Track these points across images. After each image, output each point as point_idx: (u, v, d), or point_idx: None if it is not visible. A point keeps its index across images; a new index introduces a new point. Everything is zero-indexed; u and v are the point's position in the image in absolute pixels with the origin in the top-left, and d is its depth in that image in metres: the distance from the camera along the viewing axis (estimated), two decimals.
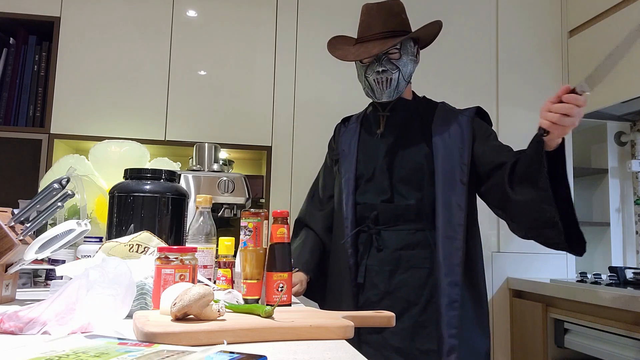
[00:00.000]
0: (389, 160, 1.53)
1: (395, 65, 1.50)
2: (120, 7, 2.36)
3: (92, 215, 1.58)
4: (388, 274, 1.46)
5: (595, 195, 2.65)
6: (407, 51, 1.53)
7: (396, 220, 1.49)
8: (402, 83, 1.53)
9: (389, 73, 1.50)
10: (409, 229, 1.47)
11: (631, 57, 2.19)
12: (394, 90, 1.52)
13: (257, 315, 0.86)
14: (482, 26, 2.58)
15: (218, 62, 2.39)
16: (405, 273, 1.45)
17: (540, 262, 2.46)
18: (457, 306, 1.38)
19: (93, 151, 1.82)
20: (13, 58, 2.31)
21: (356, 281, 1.50)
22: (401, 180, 1.51)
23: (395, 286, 1.45)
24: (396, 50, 1.50)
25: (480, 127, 1.53)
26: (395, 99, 1.55)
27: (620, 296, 1.75)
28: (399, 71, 1.51)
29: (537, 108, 2.55)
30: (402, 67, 1.52)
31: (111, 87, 2.32)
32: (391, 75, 1.50)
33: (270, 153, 2.37)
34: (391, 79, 1.51)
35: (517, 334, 2.34)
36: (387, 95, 1.53)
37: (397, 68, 1.51)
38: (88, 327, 0.77)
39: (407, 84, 1.56)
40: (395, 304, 1.43)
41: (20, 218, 1.05)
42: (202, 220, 1.24)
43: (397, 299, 1.44)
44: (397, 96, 1.55)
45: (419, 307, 1.42)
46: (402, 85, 1.54)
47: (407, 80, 1.55)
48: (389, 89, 1.52)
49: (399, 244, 1.47)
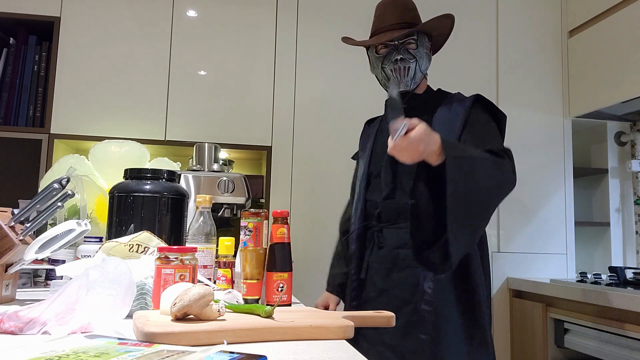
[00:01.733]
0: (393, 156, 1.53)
1: (413, 55, 1.51)
2: (120, 7, 2.36)
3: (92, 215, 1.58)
4: (386, 271, 1.48)
5: (595, 195, 2.65)
6: (423, 45, 1.54)
7: (397, 218, 1.49)
8: (419, 74, 1.54)
9: (406, 62, 1.51)
10: (408, 227, 1.47)
11: (631, 57, 2.19)
12: (411, 79, 1.53)
13: (257, 315, 0.86)
14: (482, 26, 2.58)
15: (218, 62, 2.39)
16: (401, 272, 1.46)
17: (540, 262, 2.46)
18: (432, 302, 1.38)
19: (93, 151, 1.82)
20: (13, 58, 2.31)
21: (359, 277, 1.54)
22: (405, 176, 1.50)
23: (391, 284, 1.47)
24: (413, 40, 1.52)
25: (474, 116, 1.47)
26: (413, 89, 1.55)
27: (620, 296, 1.75)
28: (416, 61, 1.52)
29: (537, 108, 2.57)
30: (419, 58, 1.52)
31: (111, 87, 2.32)
32: (409, 64, 1.51)
33: (270, 153, 2.37)
34: (409, 68, 1.51)
35: (517, 334, 2.34)
36: (404, 84, 1.53)
37: (414, 58, 1.52)
38: (88, 327, 0.77)
39: (422, 76, 1.56)
40: (390, 301, 1.45)
41: (20, 218, 1.05)
42: (202, 220, 1.24)
43: (393, 297, 1.46)
44: (414, 86, 1.54)
45: (412, 306, 1.42)
46: (419, 77, 1.54)
47: (423, 72, 1.56)
48: (406, 78, 1.52)
49: (398, 242, 1.48)
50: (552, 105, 2.58)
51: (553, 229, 2.49)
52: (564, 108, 2.58)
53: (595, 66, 2.40)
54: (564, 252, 2.49)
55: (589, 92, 2.43)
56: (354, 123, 2.40)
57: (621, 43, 2.25)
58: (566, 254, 2.48)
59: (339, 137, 2.41)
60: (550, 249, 2.48)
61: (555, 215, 2.50)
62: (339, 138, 2.41)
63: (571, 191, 2.53)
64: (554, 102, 2.58)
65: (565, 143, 2.56)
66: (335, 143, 2.41)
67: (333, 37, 2.46)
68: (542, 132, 2.55)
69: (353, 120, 2.40)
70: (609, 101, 2.31)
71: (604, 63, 2.35)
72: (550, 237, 2.49)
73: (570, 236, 2.50)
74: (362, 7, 2.49)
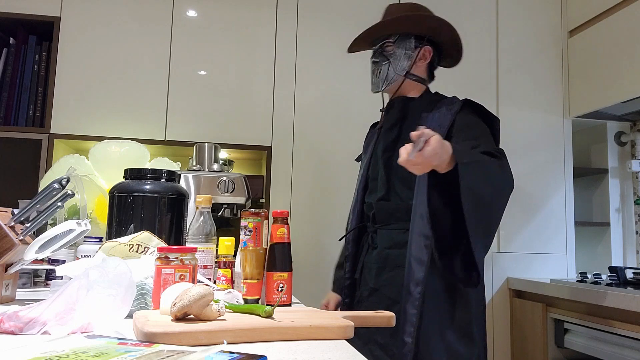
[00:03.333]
0: (386, 158, 1.55)
1: (386, 57, 1.54)
2: (120, 7, 2.36)
3: (92, 215, 1.58)
4: (376, 271, 1.51)
5: (596, 195, 2.65)
6: (404, 46, 1.53)
7: (389, 219, 1.52)
8: (392, 75, 1.54)
9: (378, 64, 1.55)
10: (399, 229, 1.49)
11: (631, 57, 2.19)
12: (382, 81, 1.54)
13: (257, 315, 0.86)
14: (482, 26, 2.58)
15: (218, 62, 2.39)
16: (391, 272, 1.48)
17: (540, 262, 2.46)
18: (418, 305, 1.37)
19: (93, 151, 1.82)
20: (13, 58, 2.31)
21: (353, 276, 1.59)
22: (399, 179, 1.51)
23: (381, 284, 1.49)
24: (390, 43, 1.54)
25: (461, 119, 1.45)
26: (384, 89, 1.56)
27: (620, 296, 1.75)
28: (389, 63, 1.53)
29: (537, 108, 2.57)
30: (393, 60, 1.52)
31: (111, 87, 2.32)
32: (380, 66, 1.55)
33: (270, 153, 2.37)
34: (380, 70, 1.55)
35: (517, 334, 2.34)
36: (375, 86, 1.57)
37: (387, 60, 1.53)
38: (88, 327, 0.77)
39: (401, 78, 1.54)
40: (380, 300, 1.48)
41: (20, 218, 1.05)
42: (202, 220, 1.24)
43: (382, 297, 1.48)
44: (385, 87, 1.55)
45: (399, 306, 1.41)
46: (392, 78, 1.54)
47: (400, 73, 1.54)
48: (377, 79, 1.56)
49: (388, 242, 1.51)
50: (552, 105, 2.58)
51: (553, 229, 2.49)
52: (564, 108, 2.58)
53: (595, 66, 2.40)
54: (564, 252, 2.49)
55: (589, 92, 2.43)
56: (354, 123, 2.40)
57: (621, 43, 2.25)
58: (566, 254, 2.48)
59: (339, 137, 2.41)
60: (550, 249, 2.48)
61: (555, 215, 2.50)
62: (339, 138, 2.41)
63: (571, 191, 2.53)
64: (554, 102, 2.58)
65: (565, 143, 2.56)
66: (335, 143, 2.41)
67: (333, 37, 2.46)
68: (542, 132, 2.55)
69: (353, 120, 2.40)
70: (609, 101, 2.31)
71: (604, 63, 2.35)
72: (551, 237, 2.49)
73: (571, 236, 2.50)
74: (362, 7, 2.49)
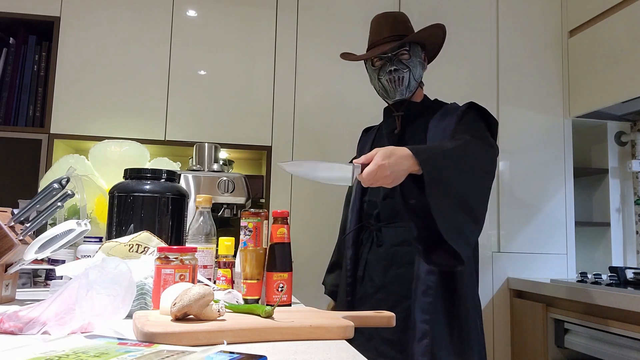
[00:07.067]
0: None
1: (406, 65, 1.58)
2: (120, 7, 2.36)
3: (92, 215, 1.58)
4: (383, 268, 1.53)
5: (596, 195, 2.65)
6: (416, 54, 1.60)
7: (395, 217, 1.54)
8: (413, 83, 1.60)
9: (400, 72, 1.58)
10: (405, 226, 1.50)
11: (631, 57, 2.19)
12: (405, 88, 1.59)
13: (257, 315, 0.86)
14: (482, 26, 2.57)
15: (218, 62, 2.39)
16: (400, 268, 1.50)
17: (540, 262, 2.46)
18: (431, 293, 1.41)
19: (93, 151, 1.82)
20: (13, 58, 2.31)
21: (355, 274, 1.60)
22: None
23: (389, 280, 1.51)
24: (405, 51, 1.58)
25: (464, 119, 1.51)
26: (408, 97, 1.61)
27: (620, 296, 1.75)
28: (409, 70, 1.58)
29: (537, 108, 2.57)
30: (412, 67, 1.59)
31: (111, 87, 2.31)
32: (402, 74, 1.58)
33: (270, 153, 2.37)
34: (403, 77, 1.58)
35: (517, 334, 2.34)
36: (399, 93, 1.60)
37: (407, 67, 1.58)
38: (88, 327, 0.77)
39: (417, 85, 1.62)
40: (388, 297, 1.50)
41: (20, 218, 1.05)
42: (202, 220, 1.24)
43: (390, 293, 1.50)
44: (409, 95, 1.61)
45: (408, 303, 1.45)
46: (413, 85, 1.60)
47: (417, 81, 1.62)
48: (401, 87, 1.59)
49: (396, 240, 1.53)
50: (553, 105, 2.58)
51: (553, 229, 2.49)
52: (564, 108, 2.58)
53: (595, 66, 2.40)
54: (564, 252, 2.49)
55: (589, 92, 2.43)
56: (353, 123, 2.40)
57: (621, 43, 2.25)
58: (566, 254, 2.48)
59: (338, 137, 2.41)
60: (550, 249, 2.48)
61: (555, 215, 2.50)
62: (339, 138, 2.41)
63: (571, 191, 2.53)
64: (554, 102, 2.58)
65: (566, 143, 2.56)
66: (335, 143, 2.41)
67: (333, 37, 2.46)
68: (542, 132, 2.55)
69: (353, 120, 2.40)
70: (609, 101, 2.31)
71: (604, 63, 2.35)
72: (551, 237, 2.49)
73: (571, 236, 2.50)
74: (362, 8, 2.49)
